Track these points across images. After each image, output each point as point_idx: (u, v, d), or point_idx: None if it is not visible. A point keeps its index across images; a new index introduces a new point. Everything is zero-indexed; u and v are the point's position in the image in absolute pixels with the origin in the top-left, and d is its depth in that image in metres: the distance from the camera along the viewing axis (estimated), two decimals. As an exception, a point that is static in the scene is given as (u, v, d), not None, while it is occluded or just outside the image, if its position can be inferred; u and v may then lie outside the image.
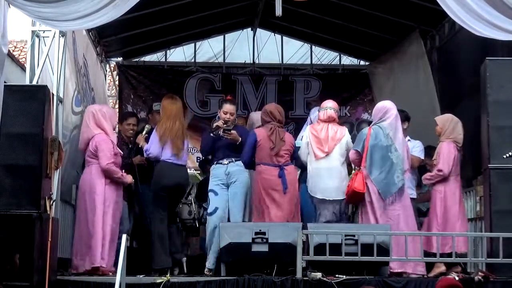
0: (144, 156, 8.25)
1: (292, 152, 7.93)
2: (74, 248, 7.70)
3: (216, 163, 8.10)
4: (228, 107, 8.19)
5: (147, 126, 8.64)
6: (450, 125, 8.08)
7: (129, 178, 7.96)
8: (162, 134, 8.01)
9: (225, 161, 8.04)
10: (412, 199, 8.29)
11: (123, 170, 7.99)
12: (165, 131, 8.02)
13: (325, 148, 7.91)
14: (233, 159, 8.01)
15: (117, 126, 8.32)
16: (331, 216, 7.88)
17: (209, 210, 8.05)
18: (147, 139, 8.30)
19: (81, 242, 7.63)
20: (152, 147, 8.04)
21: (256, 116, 8.79)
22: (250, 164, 7.93)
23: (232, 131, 8.02)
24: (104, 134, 7.81)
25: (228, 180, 8.01)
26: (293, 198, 7.77)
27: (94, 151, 7.74)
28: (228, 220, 7.93)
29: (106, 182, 7.70)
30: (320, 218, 7.90)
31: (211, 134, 8.10)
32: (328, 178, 7.88)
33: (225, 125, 8.04)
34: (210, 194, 8.06)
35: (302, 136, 8.36)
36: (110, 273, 7.48)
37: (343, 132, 8.07)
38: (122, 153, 8.06)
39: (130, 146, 8.75)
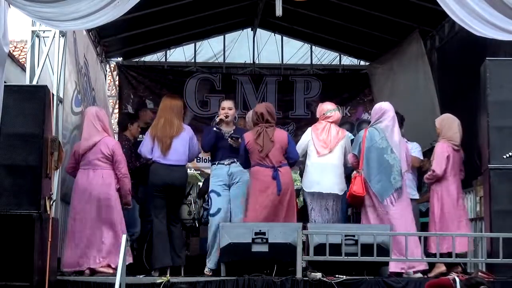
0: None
1: (286, 149, 7.87)
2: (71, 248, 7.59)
3: (218, 164, 8.08)
4: (224, 103, 8.28)
5: None
6: (445, 124, 8.09)
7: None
8: (150, 132, 7.97)
9: (227, 162, 8.03)
10: (413, 199, 8.30)
11: None
12: (152, 129, 7.99)
13: (328, 146, 7.98)
14: (235, 160, 7.99)
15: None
16: (323, 211, 7.89)
17: (211, 211, 8.01)
18: None
19: (82, 243, 7.53)
20: (144, 146, 7.99)
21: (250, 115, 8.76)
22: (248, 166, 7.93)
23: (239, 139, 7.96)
24: (113, 138, 7.75)
25: (230, 181, 7.99)
26: (288, 199, 7.74)
27: (109, 156, 7.58)
28: (230, 221, 7.92)
29: (117, 187, 7.63)
30: (312, 213, 7.93)
31: (214, 129, 8.08)
32: (323, 173, 7.93)
33: (227, 118, 8.06)
34: (212, 195, 8.03)
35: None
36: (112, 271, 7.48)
37: (344, 133, 8.18)
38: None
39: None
